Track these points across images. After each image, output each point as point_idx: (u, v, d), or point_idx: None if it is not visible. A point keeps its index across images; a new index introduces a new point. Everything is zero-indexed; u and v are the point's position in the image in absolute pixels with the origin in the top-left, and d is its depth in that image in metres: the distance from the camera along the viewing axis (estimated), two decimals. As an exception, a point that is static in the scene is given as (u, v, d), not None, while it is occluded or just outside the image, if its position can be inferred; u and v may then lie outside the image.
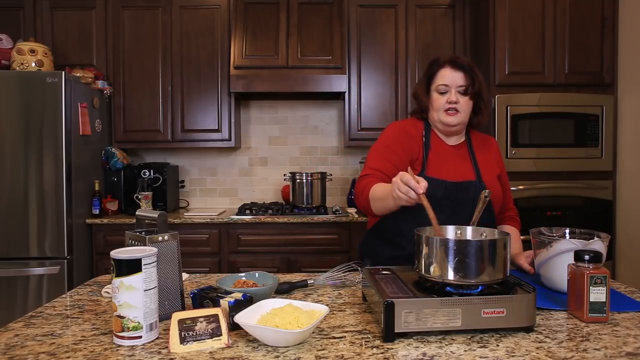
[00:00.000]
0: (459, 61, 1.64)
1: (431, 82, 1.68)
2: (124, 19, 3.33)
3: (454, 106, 1.62)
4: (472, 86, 1.63)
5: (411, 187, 1.23)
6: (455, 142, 1.71)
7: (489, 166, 1.70)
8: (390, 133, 1.70)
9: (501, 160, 1.79)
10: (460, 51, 3.35)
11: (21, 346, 0.99)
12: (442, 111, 1.63)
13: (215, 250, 3.07)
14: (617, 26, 3.01)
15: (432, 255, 1.08)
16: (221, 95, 3.34)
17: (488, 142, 1.79)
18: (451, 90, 1.62)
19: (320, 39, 3.22)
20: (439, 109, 1.64)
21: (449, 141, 1.71)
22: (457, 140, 1.72)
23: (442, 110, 1.63)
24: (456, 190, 1.57)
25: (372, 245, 1.72)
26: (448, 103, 1.62)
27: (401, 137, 1.66)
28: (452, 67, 1.63)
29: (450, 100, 1.61)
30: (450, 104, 1.62)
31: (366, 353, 0.94)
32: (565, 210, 2.99)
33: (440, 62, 1.67)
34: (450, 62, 1.64)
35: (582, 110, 2.99)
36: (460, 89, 1.62)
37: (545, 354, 0.92)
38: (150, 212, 1.17)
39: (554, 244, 1.26)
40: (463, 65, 1.63)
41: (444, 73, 1.64)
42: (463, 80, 1.62)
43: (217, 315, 1.01)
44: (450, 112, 1.62)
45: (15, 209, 2.77)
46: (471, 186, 1.59)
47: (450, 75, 1.63)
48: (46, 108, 2.77)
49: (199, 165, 3.69)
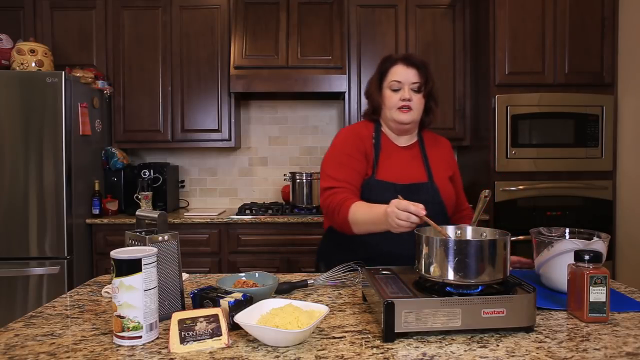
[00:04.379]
0: (412, 58, 1.62)
1: (383, 79, 1.64)
2: (124, 19, 3.33)
3: (407, 104, 1.59)
4: (426, 84, 1.61)
5: (412, 212, 1.22)
6: (406, 143, 1.69)
7: (441, 167, 1.68)
8: (344, 139, 1.66)
9: (453, 160, 1.77)
10: (461, 51, 3.36)
11: (21, 346, 0.99)
12: (395, 109, 1.60)
13: (215, 250, 3.07)
14: (617, 26, 3.01)
15: (432, 255, 1.08)
16: (221, 95, 3.35)
17: (441, 142, 1.77)
18: (404, 87, 1.59)
19: (320, 39, 3.22)
20: (392, 107, 1.61)
21: (400, 142, 1.68)
22: (409, 140, 1.70)
23: (395, 107, 1.60)
24: (407, 192, 1.51)
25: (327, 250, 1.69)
26: (401, 100, 1.59)
27: (355, 141, 1.63)
28: (405, 64, 1.61)
29: (404, 98, 1.59)
30: (404, 101, 1.59)
31: (366, 353, 0.94)
32: (565, 210, 2.99)
33: (392, 59, 1.64)
34: (404, 59, 1.62)
35: (582, 110, 2.99)
36: (414, 86, 1.60)
37: (545, 354, 0.92)
38: (150, 212, 1.17)
39: (556, 244, 1.25)
40: (416, 63, 1.61)
41: (397, 70, 1.61)
42: (416, 77, 1.60)
43: (217, 315, 1.01)
44: (403, 110, 1.60)
45: (15, 209, 2.77)
46: (423, 188, 1.58)
47: (403, 72, 1.60)
48: (46, 108, 2.77)
49: (199, 165, 3.69)
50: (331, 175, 1.58)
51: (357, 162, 1.59)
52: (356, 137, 1.64)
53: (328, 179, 1.58)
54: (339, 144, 1.65)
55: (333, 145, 1.66)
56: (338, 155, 1.62)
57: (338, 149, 1.64)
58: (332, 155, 1.64)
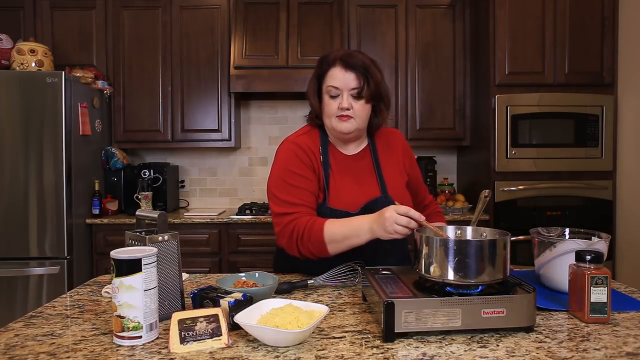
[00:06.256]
0: (351, 60, 1.43)
1: (322, 82, 1.48)
2: (124, 19, 3.33)
3: (346, 113, 1.43)
4: (367, 88, 1.43)
5: (413, 217, 1.20)
6: (355, 151, 1.55)
7: (395, 173, 1.56)
8: (290, 154, 1.48)
9: (409, 155, 1.63)
10: (461, 51, 3.35)
11: (21, 346, 0.99)
12: (334, 117, 1.44)
13: (215, 250, 3.07)
14: (617, 26, 3.01)
15: (432, 255, 1.08)
16: (221, 95, 3.34)
17: (393, 140, 1.61)
18: (343, 94, 1.43)
19: (320, 39, 3.22)
20: (331, 115, 1.45)
21: (348, 150, 1.54)
22: (358, 147, 1.56)
23: (334, 116, 1.44)
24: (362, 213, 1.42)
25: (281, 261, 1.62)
26: (339, 109, 1.43)
27: (302, 157, 1.47)
28: (343, 66, 1.43)
29: (342, 107, 1.42)
30: (342, 110, 1.43)
31: (366, 353, 0.94)
32: (565, 210, 2.99)
33: (330, 60, 1.46)
34: (342, 61, 1.43)
35: (582, 110, 2.99)
36: (353, 92, 1.43)
37: (545, 354, 0.92)
38: (150, 212, 1.17)
39: (558, 244, 1.25)
40: (355, 65, 1.43)
41: (334, 73, 1.44)
42: (355, 82, 1.42)
43: (217, 315, 1.01)
44: (342, 118, 1.43)
45: (15, 209, 2.77)
46: (377, 204, 1.44)
47: (340, 77, 1.42)
48: (46, 108, 2.77)
49: (199, 165, 3.69)
50: (284, 199, 1.43)
51: (309, 181, 1.45)
52: (302, 153, 1.48)
53: (281, 203, 1.43)
54: (284, 161, 1.48)
55: (278, 162, 1.49)
56: (286, 175, 1.45)
57: (284, 166, 1.47)
58: (279, 174, 1.47)
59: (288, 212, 1.41)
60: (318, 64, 1.50)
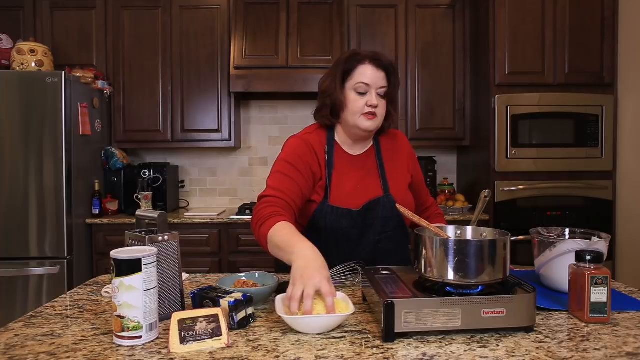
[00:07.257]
0: (382, 59, 1.44)
1: (347, 78, 1.45)
2: (124, 19, 3.33)
3: (373, 110, 1.42)
4: (392, 89, 1.46)
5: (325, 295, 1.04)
6: (361, 151, 1.55)
7: (399, 175, 1.56)
8: (293, 147, 1.50)
9: (413, 158, 1.64)
10: (461, 51, 3.35)
11: (21, 346, 0.99)
12: (360, 115, 1.43)
13: (215, 250, 3.07)
14: (617, 26, 3.02)
15: (432, 255, 1.08)
16: (221, 95, 3.34)
17: (398, 142, 1.62)
18: (372, 92, 1.42)
19: (320, 39, 3.22)
20: (356, 112, 1.43)
21: (353, 150, 1.54)
22: (363, 147, 1.56)
23: (360, 113, 1.43)
24: (364, 214, 1.46)
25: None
26: (367, 106, 1.42)
27: (305, 153, 1.48)
28: (374, 64, 1.43)
29: (371, 104, 1.42)
30: (371, 107, 1.42)
31: (366, 353, 0.94)
32: (565, 210, 2.99)
33: (361, 57, 1.45)
34: (373, 59, 1.44)
35: (582, 110, 2.99)
36: (381, 90, 1.44)
37: (545, 354, 0.92)
38: (150, 212, 1.17)
39: (559, 244, 1.25)
40: (385, 65, 1.44)
41: (365, 71, 1.43)
42: (384, 82, 1.44)
43: (217, 315, 1.01)
44: (368, 116, 1.43)
45: (15, 209, 2.77)
46: (379, 204, 1.47)
47: (371, 74, 1.42)
48: (46, 108, 2.77)
49: (199, 165, 3.69)
50: (271, 185, 1.43)
51: (301, 176, 1.44)
52: (306, 148, 1.49)
53: (267, 188, 1.43)
54: (287, 151, 1.49)
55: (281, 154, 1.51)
56: (283, 166, 1.46)
57: (284, 157, 1.48)
58: (277, 163, 1.49)
59: (267, 196, 1.39)
60: (346, 60, 1.47)
